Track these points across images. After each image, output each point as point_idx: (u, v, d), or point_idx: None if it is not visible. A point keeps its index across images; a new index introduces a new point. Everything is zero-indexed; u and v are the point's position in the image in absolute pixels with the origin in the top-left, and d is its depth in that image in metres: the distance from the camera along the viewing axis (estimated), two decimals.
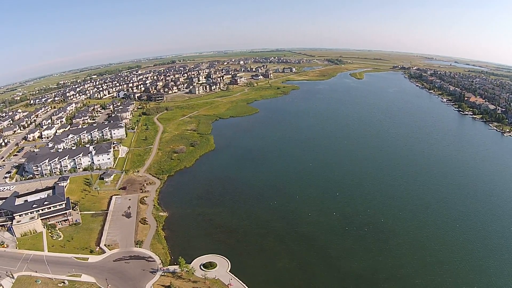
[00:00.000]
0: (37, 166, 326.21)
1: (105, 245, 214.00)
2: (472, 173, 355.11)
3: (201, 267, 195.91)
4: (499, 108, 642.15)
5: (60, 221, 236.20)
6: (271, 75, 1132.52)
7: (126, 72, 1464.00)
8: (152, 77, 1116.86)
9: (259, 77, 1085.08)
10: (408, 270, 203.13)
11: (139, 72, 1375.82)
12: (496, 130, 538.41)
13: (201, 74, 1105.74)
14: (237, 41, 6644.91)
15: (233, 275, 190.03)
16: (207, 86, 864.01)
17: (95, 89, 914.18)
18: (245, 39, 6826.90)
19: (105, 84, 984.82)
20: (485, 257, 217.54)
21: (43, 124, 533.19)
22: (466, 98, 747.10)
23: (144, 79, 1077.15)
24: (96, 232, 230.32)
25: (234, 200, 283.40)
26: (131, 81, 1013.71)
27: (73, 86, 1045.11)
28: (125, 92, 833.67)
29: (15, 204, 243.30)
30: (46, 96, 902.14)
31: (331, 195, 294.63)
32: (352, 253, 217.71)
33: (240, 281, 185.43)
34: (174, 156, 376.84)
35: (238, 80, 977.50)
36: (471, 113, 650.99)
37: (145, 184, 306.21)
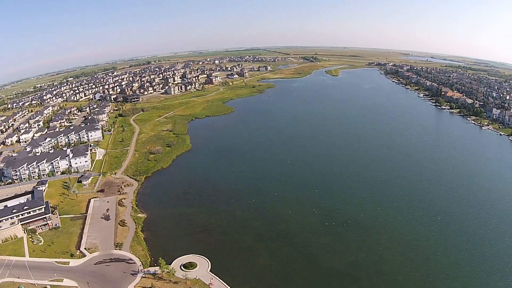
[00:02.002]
0: (15, 170, 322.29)
1: (85, 248, 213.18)
2: (452, 167, 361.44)
3: (182, 267, 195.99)
4: (477, 102, 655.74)
5: (40, 226, 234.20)
6: (247, 74, 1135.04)
7: (102, 74, 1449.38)
8: (127, 78, 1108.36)
9: (235, 76, 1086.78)
10: (389, 265, 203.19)
11: (115, 73, 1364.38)
12: (474, 123, 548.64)
13: (176, 74, 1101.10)
14: (212, 41, 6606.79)
15: (213, 275, 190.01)
16: (183, 86, 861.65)
17: (72, 91, 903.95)
18: (220, 39, 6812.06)
19: (82, 87, 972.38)
20: (468, 250, 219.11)
21: (21, 128, 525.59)
22: (443, 93, 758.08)
23: (120, 80, 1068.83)
24: (76, 235, 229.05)
25: (212, 199, 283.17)
26: (107, 83, 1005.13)
27: (50, 89, 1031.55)
28: (101, 94, 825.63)
29: None
30: (23, 100, 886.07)
31: (310, 192, 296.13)
32: (333, 250, 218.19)
33: (221, 281, 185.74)
34: (150, 157, 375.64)
35: (214, 79, 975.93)
36: (448, 108, 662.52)
37: (122, 186, 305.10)
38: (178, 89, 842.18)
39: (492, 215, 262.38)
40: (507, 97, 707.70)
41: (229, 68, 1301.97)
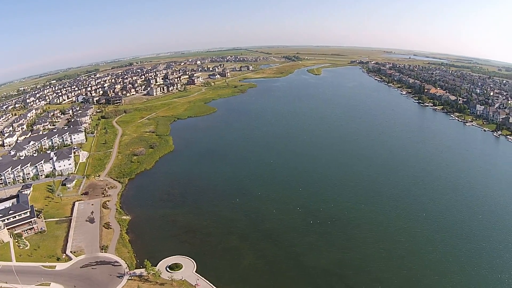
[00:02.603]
0: (0, 174, 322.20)
1: (71, 251, 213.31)
2: (436, 164, 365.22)
3: (167, 269, 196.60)
4: (460, 98, 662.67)
5: (26, 230, 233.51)
6: (228, 74, 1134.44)
7: (84, 76, 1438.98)
8: (110, 80, 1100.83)
9: (216, 76, 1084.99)
10: (376, 263, 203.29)
11: (97, 75, 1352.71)
12: (458, 120, 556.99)
13: (158, 75, 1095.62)
14: (194, 42, 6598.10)
15: (199, 275, 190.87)
16: (165, 87, 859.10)
17: (55, 94, 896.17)
18: (202, 39, 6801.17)
19: (64, 89, 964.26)
20: (454, 246, 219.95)
21: (5, 132, 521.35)
22: (426, 90, 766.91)
23: (102, 82, 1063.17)
24: (61, 239, 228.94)
25: (196, 200, 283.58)
26: (90, 85, 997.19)
27: (33, 92, 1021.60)
28: (84, 96, 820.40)
29: None
30: (6, 103, 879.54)
31: (294, 191, 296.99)
32: (318, 248, 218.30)
33: (207, 281, 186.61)
34: (134, 159, 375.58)
35: (195, 80, 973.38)
36: (432, 105, 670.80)
37: (106, 188, 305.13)
38: (160, 90, 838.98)
39: (478, 211, 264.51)
40: (491, 94, 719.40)
41: (211, 69, 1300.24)
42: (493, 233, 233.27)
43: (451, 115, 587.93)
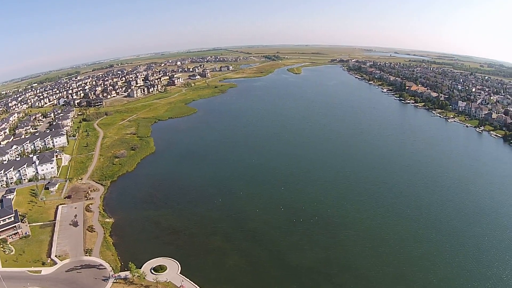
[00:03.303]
0: None
1: (56, 256, 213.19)
2: (418, 160, 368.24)
3: (152, 271, 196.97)
4: (442, 95, 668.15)
5: (11, 235, 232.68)
6: (208, 74, 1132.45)
7: (65, 78, 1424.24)
8: (91, 83, 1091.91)
9: (197, 77, 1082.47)
10: (360, 261, 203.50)
11: (78, 78, 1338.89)
12: (440, 116, 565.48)
13: (139, 77, 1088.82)
14: (174, 42, 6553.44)
15: (184, 277, 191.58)
16: (145, 89, 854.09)
17: (36, 97, 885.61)
18: (182, 40, 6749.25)
19: (46, 92, 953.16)
20: (439, 242, 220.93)
21: None
22: (407, 87, 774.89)
23: (83, 85, 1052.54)
24: (46, 243, 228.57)
25: (178, 201, 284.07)
26: (71, 88, 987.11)
27: (15, 96, 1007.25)
28: (65, 99, 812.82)
29: None
30: None
31: (276, 190, 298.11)
32: (302, 247, 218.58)
33: (192, 282, 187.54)
34: (115, 161, 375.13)
35: (176, 81, 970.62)
36: (413, 102, 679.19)
37: (89, 191, 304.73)
38: (141, 92, 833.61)
39: (462, 206, 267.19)
40: (473, 90, 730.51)
41: (191, 69, 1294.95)
42: (478, 229, 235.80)
43: (433, 111, 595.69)
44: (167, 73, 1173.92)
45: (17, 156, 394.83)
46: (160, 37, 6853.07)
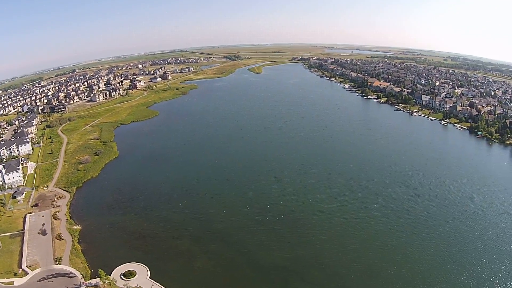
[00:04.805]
0: None
1: (27, 266, 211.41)
2: (383, 154, 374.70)
3: (122, 276, 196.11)
4: (405, 90, 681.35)
5: None
6: (170, 76, 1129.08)
7: (29, 85, 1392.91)
8: (53, 88, 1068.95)
9: (158, 79, 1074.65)
10: (330, 258, 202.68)
11: (42, 84, 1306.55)
12: (403, 111, 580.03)
13: (100, 81, 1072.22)
14: (136, 45, 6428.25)
15: (154, 281, 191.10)
16: (107, 93, 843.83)
17: (1, 105, 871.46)
18: (144, 43, 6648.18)
19: (10, 99, 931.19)
20: (410, 236, 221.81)
21: None
22: (369, 83, 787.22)
23: (46, 91, 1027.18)
24: (16, 253, 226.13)
25: (143, 205, 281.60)
26: (34, 94, 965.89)
27: None
28: (29, 106, 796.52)
29: None
30: None
31: (241, 190, 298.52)
32: (270, 246, 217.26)
33: (162, 287, 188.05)
34: (80, 167, 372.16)
35: (137, 84, 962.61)
36: (376, 97, 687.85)
37: (55, 199, 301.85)
38: (103, 96, 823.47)
39: (430, 198, 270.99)
40: (437, 83, 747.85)
41: (152, 72, 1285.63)
42: (449, 221, 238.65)
43: (396, 106, 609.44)
44: (129, 77, 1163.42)
45: None
46: (121, 40, 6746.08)
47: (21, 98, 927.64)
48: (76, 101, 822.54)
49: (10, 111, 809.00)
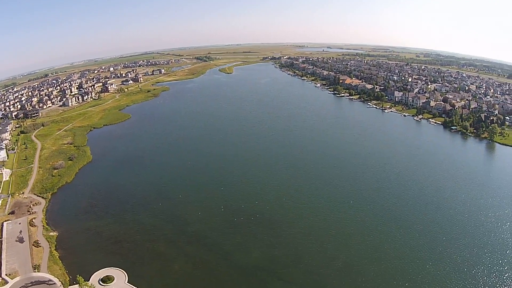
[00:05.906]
0: None
1: (6, 274, 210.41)
2: (357, 150, 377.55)
3: (100, 282, 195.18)
4: (377, 86, 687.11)
5: None
6: (141, 78, 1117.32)
7: (2, 90, 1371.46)
8: (27, 93, 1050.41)
9: (129, 82, 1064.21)
10: (308, 257, 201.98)
11: (15, 89, 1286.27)
12: (376, 107, 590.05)
13: (73, 85, 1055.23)
14: (107, 48, 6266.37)
15: (132, 286, 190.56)
16: (80, 97, 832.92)
17: None
18: (115, 46, 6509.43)
19: None
20: (388, 232, 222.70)
21: None
22: (341, 81, 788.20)
23: (19, 96, 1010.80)
24: None
25: (118, 209, 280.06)
26: (8, 100, 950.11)
27: None
28: (3, 111, 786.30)
29: None
30: None
31: (215, 191, 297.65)
32: (246, 246, 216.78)
33: None
34: (54, 172, 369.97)
35: (109, 87, 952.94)
36: (348, 95, 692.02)
37: (31, 205, 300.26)
38: (76, 100, 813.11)
39: (406, 193, 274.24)
40: (409, 80, 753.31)
41: (123, 75, 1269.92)
42: (426, 215, 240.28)
43: (369, 103, 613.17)
44: (101, 80, 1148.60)
45: None
46: (93, 43, 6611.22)
47: None
48: (49, 106, 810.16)
49: None
